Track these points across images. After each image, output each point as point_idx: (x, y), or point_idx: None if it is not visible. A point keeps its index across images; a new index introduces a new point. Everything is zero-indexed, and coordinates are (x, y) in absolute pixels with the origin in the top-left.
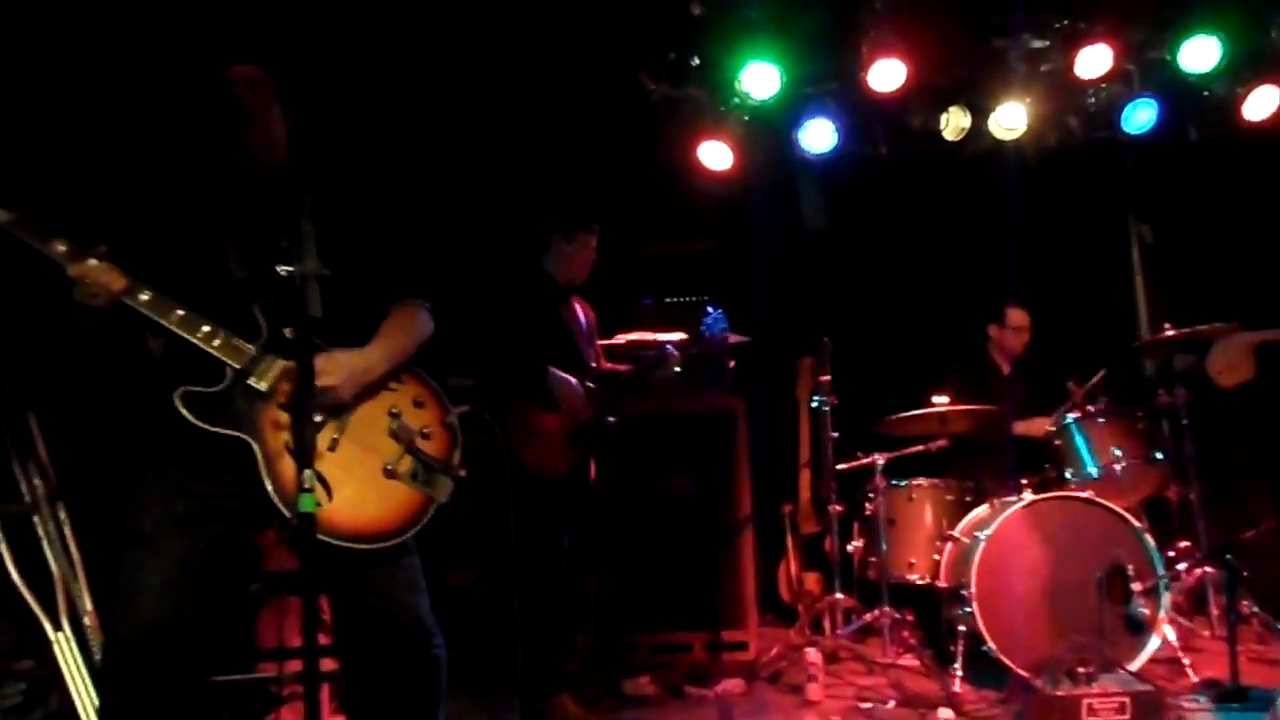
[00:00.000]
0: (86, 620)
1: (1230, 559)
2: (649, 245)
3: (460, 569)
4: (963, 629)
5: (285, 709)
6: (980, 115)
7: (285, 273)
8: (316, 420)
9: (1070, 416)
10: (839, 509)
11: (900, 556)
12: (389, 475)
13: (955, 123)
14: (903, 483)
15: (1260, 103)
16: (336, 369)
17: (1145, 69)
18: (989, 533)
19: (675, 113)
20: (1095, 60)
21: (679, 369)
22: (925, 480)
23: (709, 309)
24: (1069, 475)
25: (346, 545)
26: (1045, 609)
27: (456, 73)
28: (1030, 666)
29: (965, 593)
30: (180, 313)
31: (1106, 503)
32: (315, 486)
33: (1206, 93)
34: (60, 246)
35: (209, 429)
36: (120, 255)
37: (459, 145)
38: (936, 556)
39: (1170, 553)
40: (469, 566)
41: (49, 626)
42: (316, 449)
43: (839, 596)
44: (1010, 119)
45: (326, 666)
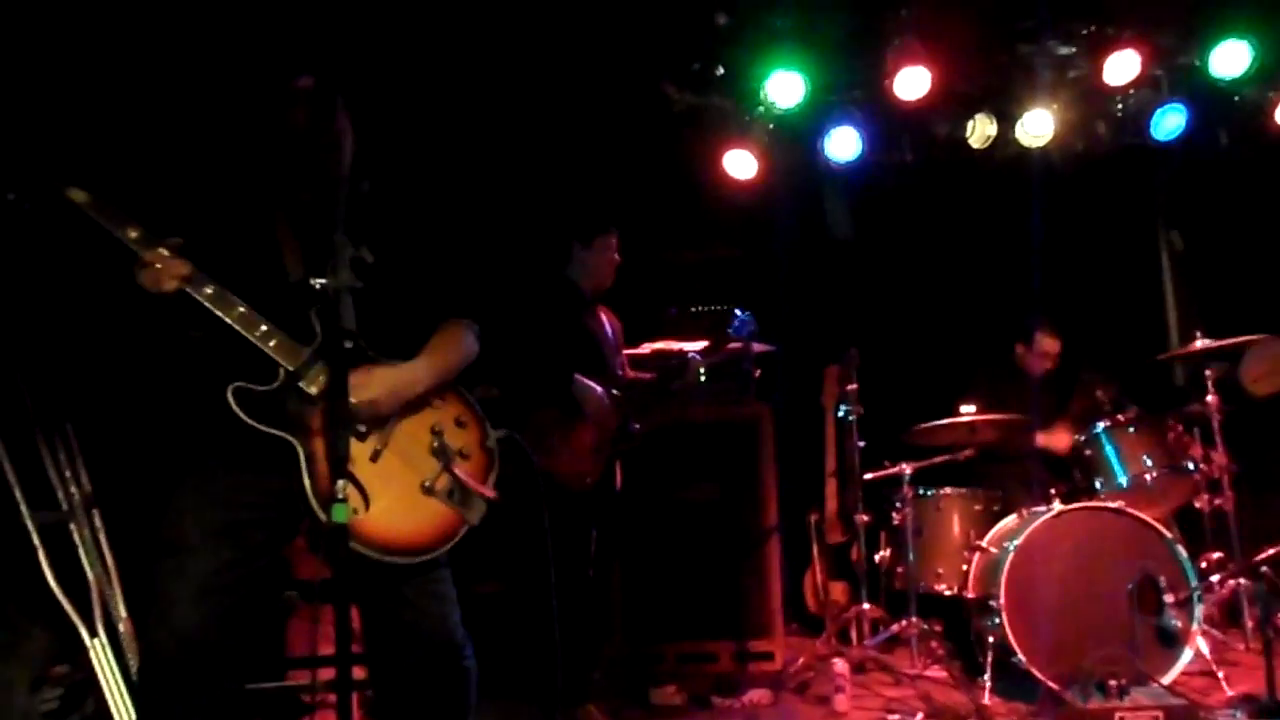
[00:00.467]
0: (121, 627)
1: (1265, 570)
2: (674, 254)
3: (488, 580)
4: (991, 640)
5: (314, 718)
6: (1007, 122)
7: (320, 285)
8: (361, 430)
9: (1100, 425)
10: (866, 518)
11: (928, 566)
12: (426, 492)
13: (981, 130)
14: (930, 492)
15: None
16: (378, 383)
17: (1174, 74)
18: (1018, 543)
19: (700, 122)
20: (1123, 66)
21: (703, 377)
22: (953, 490)
23: (736, 312)
24: (1099, 485)
25: (376, 557)
26: (1075, 620)
27: (481, 84)
28: (1060, 679)
29: (994, 603)
30: (241, 310)
31: (1137, 513)
32: (352, 495)
33: (1237, 98)
34: (133, 232)
35: (257, 427)
36: (187, 249)
37: (485, 156)
38: (964, 567)
39: (1202, 564)
40: (497, 577)
41: (85, 633)
42: (359, 458)
43: (866, 607)
44: (1037, 126)
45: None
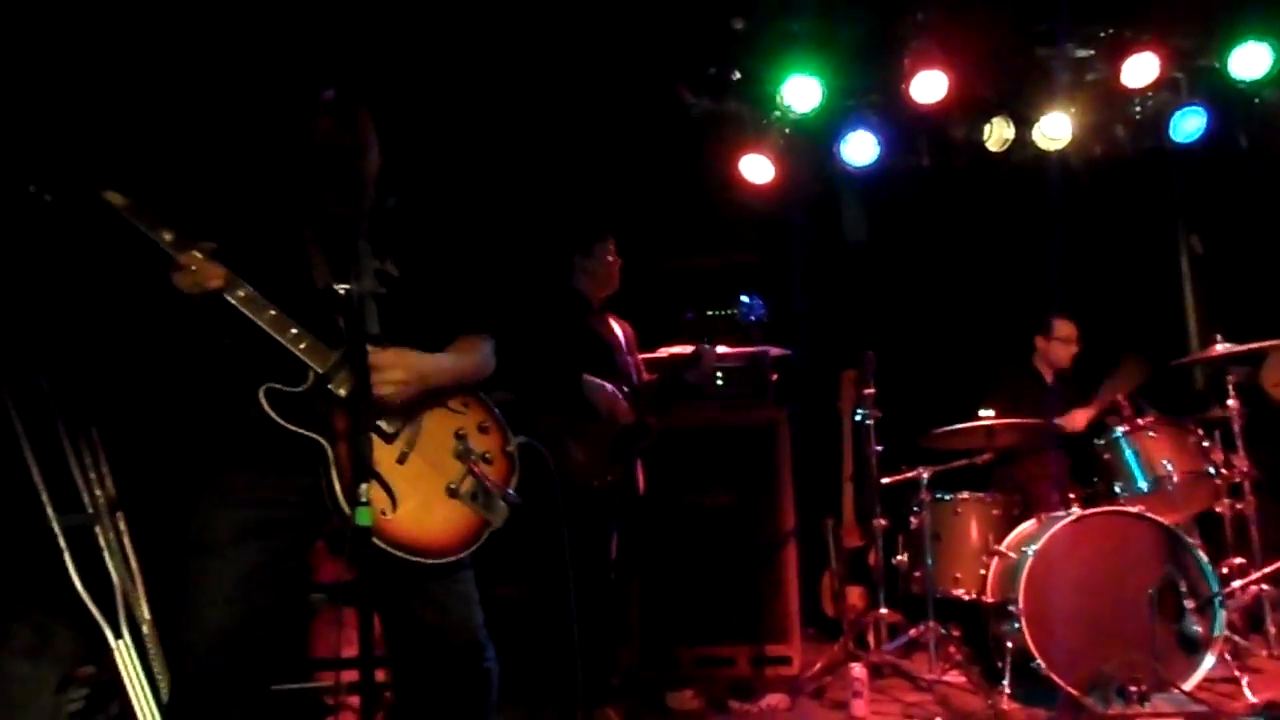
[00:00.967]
0: (145, 629)
1: None
2: (691, 259)
3: (508, 583)
4: (1010, 645)
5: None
6: (1024, 126)
7: (343, 290)
8: (389, 432)
9: (1119, 430)
10: (883, 523)
11: (946, 571)
12: (451, 494)
13: (999, 133)
14: (948, 496)
15: None
16: (405, 365)
17: (1193, 77)
18: (1037, 548)
19: (717, 127)
20: (1142, 69)
21: (720, 380)
22: (971, 494)
23: (744, 296)
24: (1118, 489)
25: (403, 557)
26: (1095, 626)
27: (495, 89)
28: (1080, 684)
29: (1013, 608)
30: (272, 312)
31: (1157, 517)
32: (379, 496)
33: (1257, 100)
34: (168, 235)
35: (288, 428)
36: (221, 253)
37: (500, 164)
38: (983, 571)
39: (1224, 569)
40: (516, 580)
41: (110, 634)
42: (386, 460)
43: (883, 611)
44: (1055, 129)
45: (379, 677)
